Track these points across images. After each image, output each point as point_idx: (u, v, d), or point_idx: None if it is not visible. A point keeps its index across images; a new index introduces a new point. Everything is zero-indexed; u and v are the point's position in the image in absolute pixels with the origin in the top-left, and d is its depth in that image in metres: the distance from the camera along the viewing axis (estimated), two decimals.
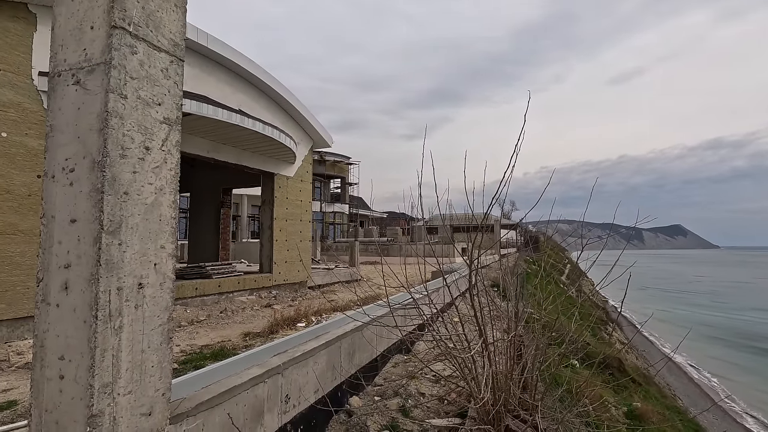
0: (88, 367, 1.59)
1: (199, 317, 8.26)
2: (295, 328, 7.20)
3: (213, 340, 6.68)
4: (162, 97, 1.91)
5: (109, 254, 1.65)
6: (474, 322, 3.59)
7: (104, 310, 1.62)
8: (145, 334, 1.79)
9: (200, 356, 5.61)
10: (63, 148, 1.75)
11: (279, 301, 10.82)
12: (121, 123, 1.72)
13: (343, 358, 3.79)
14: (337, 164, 41.04)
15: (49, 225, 1.74)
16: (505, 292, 5.04)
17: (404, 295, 5.03)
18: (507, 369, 3.02)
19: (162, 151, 1.91)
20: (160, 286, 1.88)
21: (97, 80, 1.71)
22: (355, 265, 16.62)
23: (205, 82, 9.29)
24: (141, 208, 1.79)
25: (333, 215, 41.02)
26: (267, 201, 11.89)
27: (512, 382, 2.81)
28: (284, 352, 3.04)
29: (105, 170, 1.65)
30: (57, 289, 1.69)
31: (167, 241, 1.92)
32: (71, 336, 1.64)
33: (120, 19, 1.73)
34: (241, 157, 10.53)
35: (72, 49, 1.77)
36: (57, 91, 1.78)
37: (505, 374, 2.90)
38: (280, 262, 11.86)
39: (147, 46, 1.84)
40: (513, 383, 2.81)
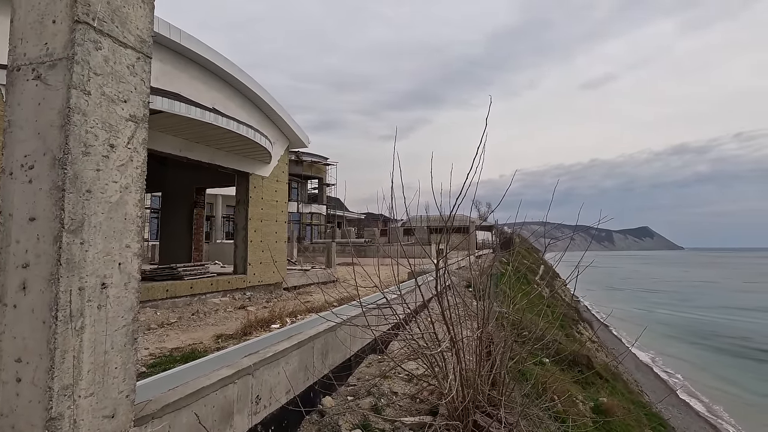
0: (47, 369, 1.55)
1: (170, 319, 8.07)
2: (269, 330, 7.13)
3: (184, 342, 6.53)
4: (128, 94, 1.88)
5: (71, 253, 1.61)
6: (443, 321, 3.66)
7: (65, 311, 1.59)
8: (108, 335, 1.76)
9: (170, 359, 5.49)
10: (22, 144, 1.70)
11: (253, 302, 10.67)
12: (84, 120, 1.69)
13: (316, 359, 3.79)
14: (315, 165, 40.78)
15: (6, 223, 1.69)
16: (479, 292, 5.14)
17: (380, 296, 5.06)
18: (476, 366, 3.10)
19: (128, 149, 1.88)
20: (125, 286, 1.85)
21: (59, 75, 1.67)
22: (331, 267, 16.56)
23: (178, 79, 9.09)
24: (105, 206, 1.76)
25: (310, 216, 40.72)
26: (242, 201, 11.71)
27: (480, 379, 2.88)
28: (255, 353, 3.02)
29: (66, 167, 1.62)
30: (14, 290, 1.64)
31: (133, 240, 1.89)
32: (29, 337, 1.59)
33: (84, 14, 1.70)
34: (215, 156, 10.35)
35: (32, 43, 1.73)
36: (16, 86, 1.74)
37: (474, 371, 2.97)
38: (254, 263, 11.70)
39: (112, 41, 1.81)
40: (481, 380, 2.89)
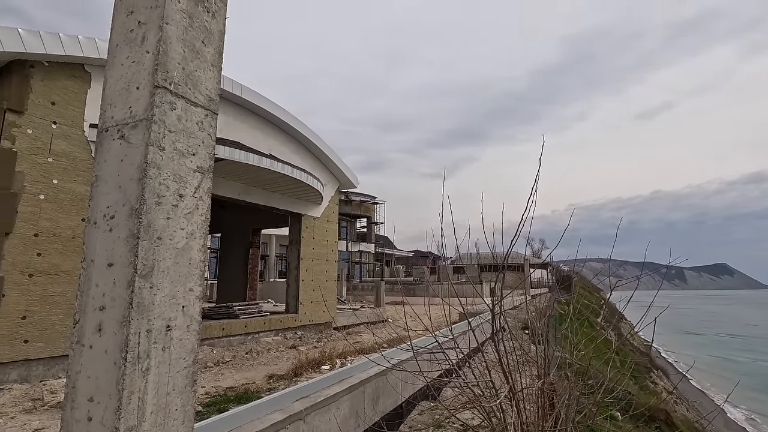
0: (115, 409, 1.62)
1: (225, 358, 8.27)
2: (320, 371, 7.09)
3: (238, 381, 6.64)
4: (196, 148, 2.05)
5: (141, 297, 1.72)
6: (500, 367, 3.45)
7: (133, 352, 1.67)
8: (170, 376, 1.82)
9: (224, 399, 5.58)
10: (105, 196, 1.88)
11: (304, 342, 10.73)
12: (158, 173, 1.84)
13: (367, 404, 3.69)
14: (363, 204, 41.61)
15: (88, 268, 1.84)
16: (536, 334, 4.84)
17: (430, 339, 4.90)
18: (538, 419, 2.85)
19: (194, 197, 2.02)
20: (187, 328, 1.92)
21: (139, 134, 1.85)
22: (380, 306, 16.41)
23: (238, 129, 9.82)
24: (173, 252, 1.88)
25: (359, 254, 41.10)
26: (294, 241, 12.10)
27: None
28: (306, 397, 3.00)
29: (141, 217, 1.76)
30: (91, 331, 1.76)
31: (195, 283, 1.98)
32: (101, 378, 1.68)
33: (162, 80, 1.90)
34: (271, 199, 10.88)
35: (119, 107, 1.95)
36: (104, 145, 1.95)
37: (535, 424, 2.73)
38: (306, 302, 11.87)
39: (185, 102, 2.00)
40: None
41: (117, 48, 2.04)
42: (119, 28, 2.07)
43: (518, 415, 2.37)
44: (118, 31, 2.07)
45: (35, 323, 6.01)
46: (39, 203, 6.18)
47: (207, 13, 2.21)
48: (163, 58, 1.92)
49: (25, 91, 6.13)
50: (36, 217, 6.14)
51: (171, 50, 1.96)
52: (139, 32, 2.00)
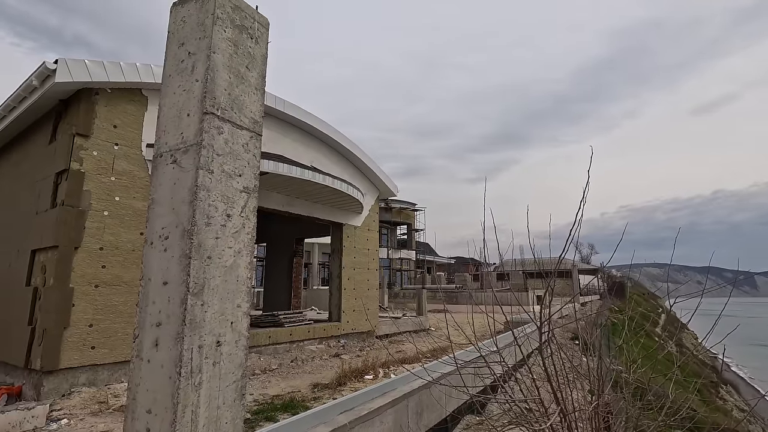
0: (170, 422, 1.70)
1: (272, 366, 8.50)
2: (363, 381, 7.11)
3: (284, 390, 6.79)
4: (242, 169, 2.13)
5: (193, 314, 1.81)
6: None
7: (187, 367, 1.75)
8: (221, 390, 1.90)
9: (271, 407, 5.72)
10: (160, 218, 2.00)
11: (347, 350, 10.82)
12: (208, 195, 1.94)
13: (411, 418, 3.65)
14: (403, 211, 41.61)
15: (146, 287, 1.96)
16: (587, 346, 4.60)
17: (473, 351, 4.79)
18: None
19: (241, 217, 2.10)
20: (236, 343, 2.00)
21: (190, 159, 1.96)
22: (422, 314, 16.27)
23: (281, 143, 10.15)
24: (221, 270, 1.96)
25: (400, 262, 41.06)
26: (336, 250, 12.29)
27: None
28: (351, 410, 3.01)
29: (193, 237, 1.85)
30: (149, 346, 1.87)
31: (243, 300, 2.06)
32: (158, 391, 1.78)
33: (210, 106, 2.00)
34: (313, 210, 11.13)
35: (172, 133, 2.07)
36: (158, 170, 2.07)
37: None
38: (348, 311, 11.99)
39: (231, 126, 2.10)
40: None
41: (170, 78, 2.18)
42: (172, 59, 2.21)
43: None
44: (171, 62, 2.21)
45: (100, 331, 6.47)
46: (103, 219, 6.67)
47: (251, 39, 2.31)
48: (210, 85, 2.02)
49: (91, 117, 6.68)
50: (101, 232, 6.63)
51: (218, 77, 2.06)
52: (189, 62, 2.13)
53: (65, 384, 6.10)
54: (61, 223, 6.24)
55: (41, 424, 4.98)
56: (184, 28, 2.18)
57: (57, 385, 6.01)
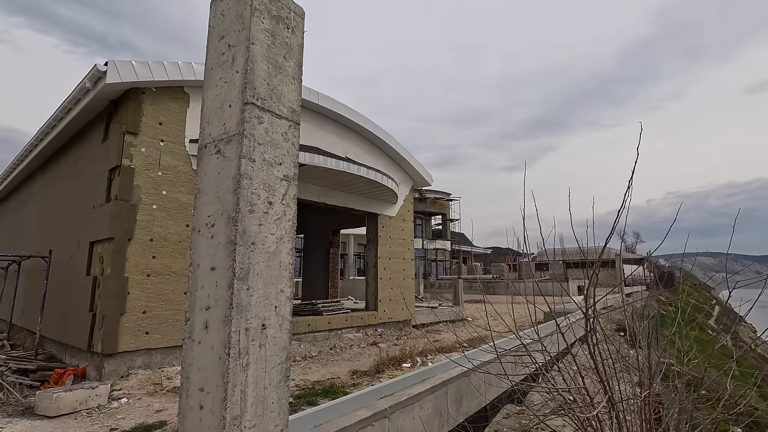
0: (221, 400, 1.79)
1: (312, 353, 8.73)
2: (401, 369, 7.17)
3: (324, 376, 6.97)
4: (282, 158, 2.18)
5: (240, 298, 1.88)
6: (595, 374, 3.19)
7: (235, 349, 1.83)
8: (267, 371, 1.97)
9: (313, 392, 5.89)
10: (206, 206, 2.08)
11: (384, 339, 10.94)
12: (250, 183, 1.99)
13: (450, 405, 3.65)
14: (438, 201, 41.25)
15: (195, 272, 2.05)
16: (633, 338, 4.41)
17: (513, 340, 4.71)
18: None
19: (282, 204, 2.15)
20: (280, 327, 2.06)
21: (233, 149, 2.02)
22: (459, 304, 16.16)
23: (316, 135, 10.29)
24: (265, 256, 2.02)
25: (435, 252, 40.86)
26: (371, 240, 12.38)
27: None
28: (390, 395, 3.04)
29: (237, 224, 1.91)
30: (199, 328, 1.96)
31: (286, 285, 2.11)
32: (209, 371, 1.87)
33: (251, 96, 2.05)
34: (348, 200, 11.24)
35: (215, 124, 2.14)
36: (203, 160, 2.15)
37: None
38: (384, 300, 12.09)
39: (271, 115, 2.14)
40: None
41: (212, 71, 2.25)
42: (213, 52, 2.27)
43: (619, 428, 2.17)
44: (212, 55, 2.28)
45: (153, 317, 6.88)
46: (152, 212, 7.04)
47: (287, 30, 2.34)
48: (250, 76, 2.07)
49: (139, 115, 7.03)
50: (150, 225, 7.01)
51: (257, 68, 2.11)
52: (229, 54, 2.18)
53: (123, 366, 6.54)
54: (115, 217, 6.65)
55: (104, 402, 5.38)
56: (224, 22, 2.24)
57: (116, 367, 6.46)
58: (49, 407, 4.92)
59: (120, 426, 4.62)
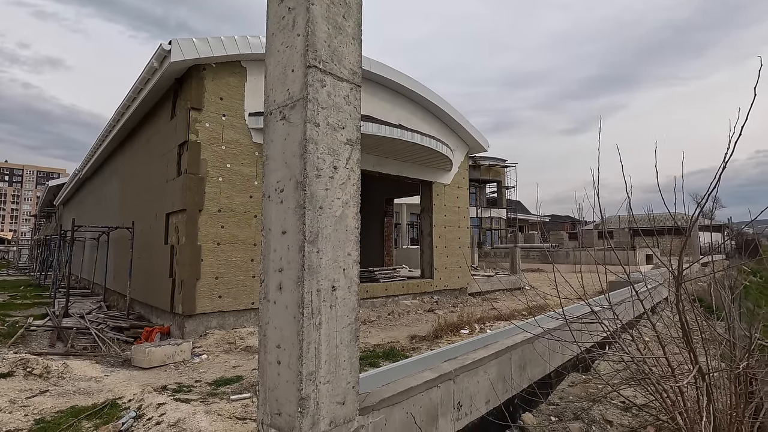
0: (297, 356, 1.87)
1: (371, 318, 9.01)
2: (459, 335, 7.21)
3: (383, 339, 7.19)
4: (345, 121, 2.16)
5: (310, 261, 1.92)
6: (676, 344, 2.99)
7: (308, 308, 1.89)
8: (338, 331, 2.03)
9: (374, 354, 6.10)
10: (275, 172, 2.12)
11: (440, 306, 11.02)
12: (316, 148, 2.00)
13: (514, 370, 3.61)
14: (492, 168, 39.92)
15: (267, 236, 2.13)
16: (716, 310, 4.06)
17: (577, 307, 4.52)
18: (731, 407, 2.41)
19: (346, 168, 2.15)
20: (348, 288, 2.10)
21: (297, 114, 2.03)
22: (516, 272, 15.81)
23: (369, 103, 10.19)
24: (332, 220, 2.04)
25: (490, 220, 39.95)
26: (426, 209, 12.30)
27: (743, 425, 2.21)
28: (454, 359, 3.06)
29: (305, 189, 1.94)
30: (274, 289, 2.05)
31: (352, 248, 2.14)
32: (285, 329, 1.96)
33: (313, 59, 2.02)
34: (402, 169, 11.17)
35: (279, 90, 2.15)
36: (270, 127, 2.19)
37: (729, 414, 2.30)
38: (440, 268, 12.10)
39: (333, 78, 2.11)
40: (744, 427, 2.21)
41: (273, 36, 2.24)
42: (273, 17, 2.26)
43: (708, 400, 2.02)
44: (273, 20, 2.26)
45: (224, 283, 7.40)
46: (219, 184, 7.45)
47: None
48: (311, 38, 2.04)
49: (201, 91, 7.34)
50: (217, 196, 7.43)
51: (317, 29, 2.07)
52: (290, 18, 2.16)
53: (201, 326, 7.15)
54: (186, 189, 7.11)
55: (188, 357, 5.95)
56: None
57: (195, 327, 7.08)
58: (143, 360, 5.53)
59: (203, 378, 5.09)
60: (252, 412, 3.75)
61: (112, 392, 4.48)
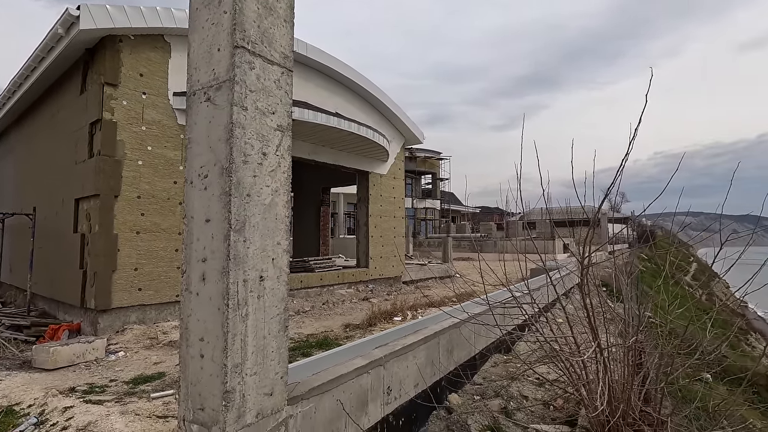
0: (222, 348, 1.81)
1: (304, 308, 8.92)
2: (392, 322, 7.38)
3: (317, 329, 7.16)
4: (275, 107, 2.09)
5: (236, 250, 1.86)
6: (583, 324, 3.32)
7: (234, 300, 1.83)
8: (266, 322, 1.99)
9: (307, 344, 6.06)
10: (198, 157, 2.01)
11: (375, 294, 11.19)
12: (243, 132, 1.92)
13: (442, 355, 3.79)
14: (428, 160, 41.00)
15: (189, 224, 2.01)
16: (617, 293, 4.56)
17: (502, 293, 4.84)
18: (624, 378, 2.74)
19: (276, 155, 2.09)
20: (277, 278, 2.06)
21: (223, 96, 1.93)
22: (448, 261, 16.48)
23: (305, 89, 9.94)
24: (260, 208, 1.98)
25: (425, 211, 41.12)
26: (362, 198, 12.35)
27: (632, 393, 2.53)
28: (385, 345, 3.13)
29: (231, 175, 1.86)
30: (197, 280, 1.95)
31: (282, 238, 2.10)
32: (208, 321, 1.88)
33: (240, 39, 1.93)
34: (338, 158, 11.08)
35: (204, 70, 2.02)
36: (193, 108, 2.06)
37: (622, 383, 2.62)
38: (375, 257, 12.26)
39: (263, 61, 2.03)
40: (633, 394, 2.54)
41: (197, 11, 2.10)
42: None
43: (605, 372, 2.29)
44: None
45: (145, 274, 6.88)
46: (138, 168, 6.86)
47: None
48: (239, 17, 1.94)
49: (117, 65, 6.67)
50: (137, 181, 6.85)
51: (246, 8, 1.97)
52: None
53: (118, 321, 6.61)
54: (99, 173, 6.46)
55: (101, 355, 5.47)
56: None
57: (111, 323, 6.53)
58: (47, 360, 5.00)
59: (119, 377, 4.73)
60: (175, 410, 3.56)
61: (8, 398, 4.01)
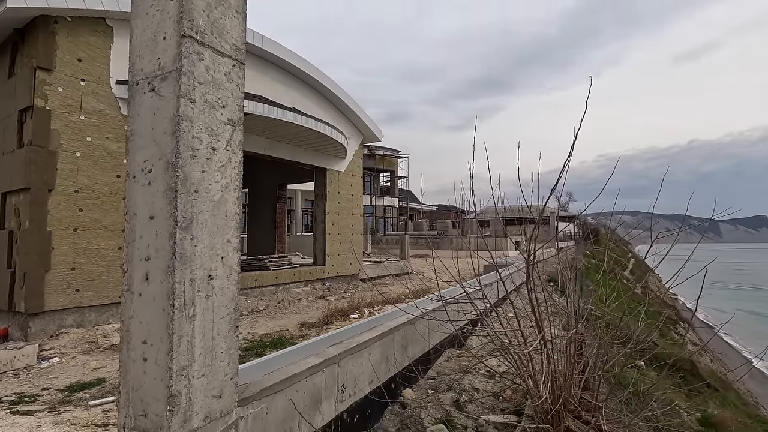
0: (167, 351, 1.73)
1: (259, 307, 8.70)
2: (349, 320, 7.38)
3: (272, 329, 7.01)
4: (226, 100, 2.02)
5: (183, 248, 1.78)
6: (530, 318, 3.49)
7: (180, 300, 1.76)
8: (214, 322, 1.92)
9: (261, 344, 5.92)
10: (142, 150, 1.90)
11: (332, 292, 11.12)
12: (191, 126, 1.84)
13: (397, 351, 3.84)
14: (387, 158, 41.23)
15: (131, 221, 1.90)
16: (563, 287, 4.82)
17: (456, 289, 4.98)
18: (566, 368, 2.91)
19: (227, 150, 2.02)
20: (227, 277, 2.00)
21: (169, 87, 1.84)
22: (405, 258, 16.68)
23: (261, 82, 9.68)
24: (209, 205, 1.91)
25: (383, 209, 41.34)
26: (320, 195, 12.22)
27: (572, 382, 2.70)
28: (340, 343, 3.13)
29: (178, 170, 1.78)
30: (139, 280, 1.85)
31: (232, 235, 2.04)
32: (152, 323, 1.79)
33: (188, 29, 1.85)
34: (295, 154, 10.89)
35: (147, 59, 1.92)
36: (135, 99, 1.95)
37: (564, 373, 2.79)
38: (333, 255, 12.18)
39: (212, 52, 1.95)
40: (573, 383, 2.70)
41: None
42: None
43: (548, 363, 2.42)
44: None
45: (83, 274, 6.43)
46: (76, 161, 6.39)
47: None
48: (187, 4, 1.85)
49: (52, 48, 6.16)
50: (75, 174, 6.37)
51: None
52: None
53: (52, 325, 6.13)
54: (30, 164, 5.96)
55: (32, 362, 5.06)
56: None
57: (44, 327, 6.05)
58: None
59: (53, 385, 4.39)
60: (116, 417, 3.36)
61: None
